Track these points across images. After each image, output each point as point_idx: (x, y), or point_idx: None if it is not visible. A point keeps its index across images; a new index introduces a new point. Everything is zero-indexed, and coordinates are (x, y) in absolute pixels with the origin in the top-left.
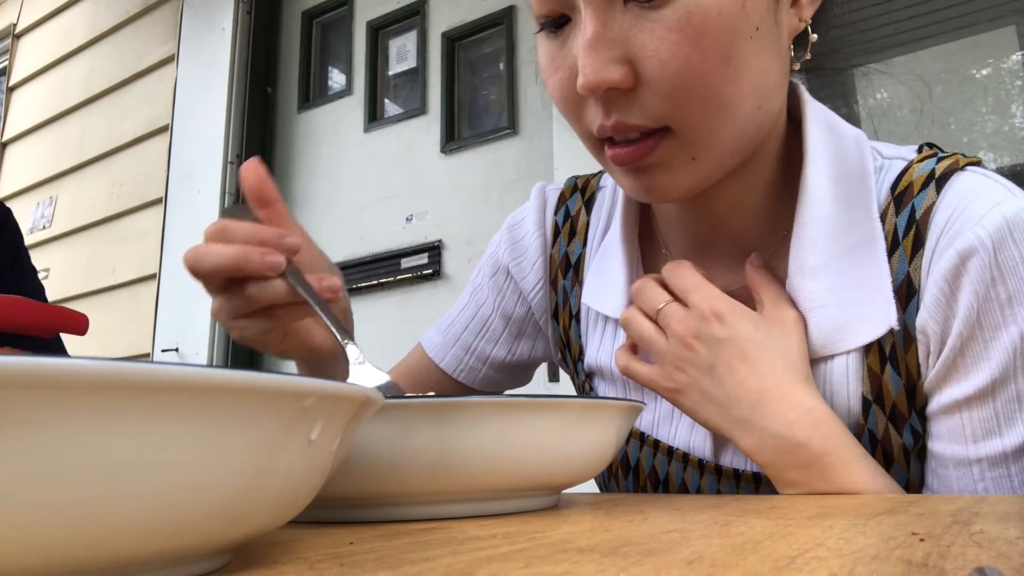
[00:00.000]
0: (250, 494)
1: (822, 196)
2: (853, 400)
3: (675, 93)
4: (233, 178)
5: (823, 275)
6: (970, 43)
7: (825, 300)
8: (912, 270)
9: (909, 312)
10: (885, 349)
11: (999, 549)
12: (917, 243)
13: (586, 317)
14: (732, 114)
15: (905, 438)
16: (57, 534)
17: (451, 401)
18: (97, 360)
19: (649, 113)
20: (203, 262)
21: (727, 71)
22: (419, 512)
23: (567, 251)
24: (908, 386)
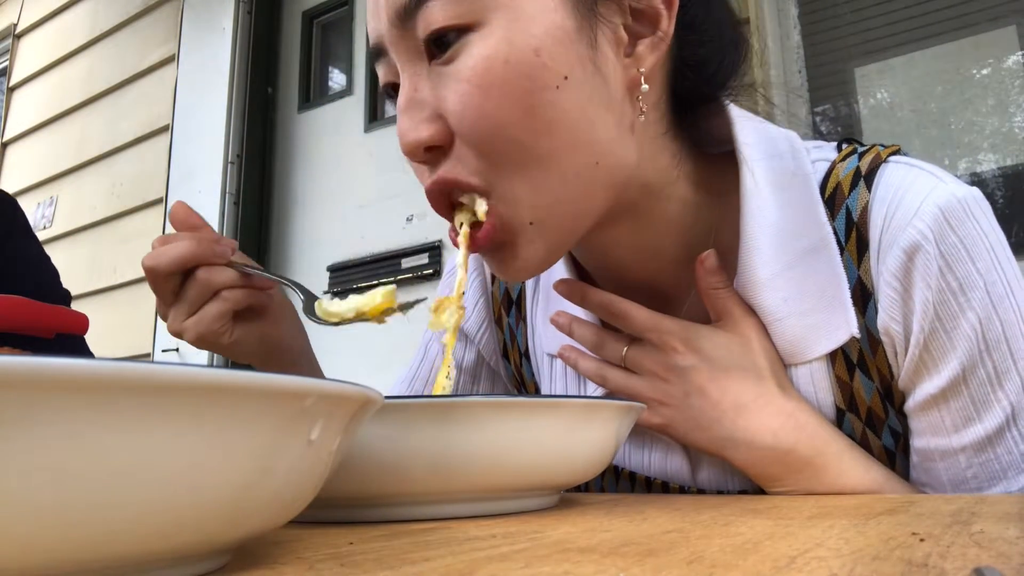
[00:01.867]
0: (250, 494)
1: (764, 204)
2: (825, 410)
3: (484, 147)
4: (233, 178)
5: (777, 285)
6: (970, 43)
7: (781, 312)
8: (862, 273)
9: (869, 315)
10: (852, 357)
11: (999, 549)
12: (861, 245)
13: (536, 354)
14: (554, 171)
15: (885, 440)
16: (57, 534)
17: (451, 401)
18: (97, 360)
19: (469, 168)
20: (163, 257)
21: (533, 123)
22: (419, 512)
23: (507, 288)
24: (884, 387)
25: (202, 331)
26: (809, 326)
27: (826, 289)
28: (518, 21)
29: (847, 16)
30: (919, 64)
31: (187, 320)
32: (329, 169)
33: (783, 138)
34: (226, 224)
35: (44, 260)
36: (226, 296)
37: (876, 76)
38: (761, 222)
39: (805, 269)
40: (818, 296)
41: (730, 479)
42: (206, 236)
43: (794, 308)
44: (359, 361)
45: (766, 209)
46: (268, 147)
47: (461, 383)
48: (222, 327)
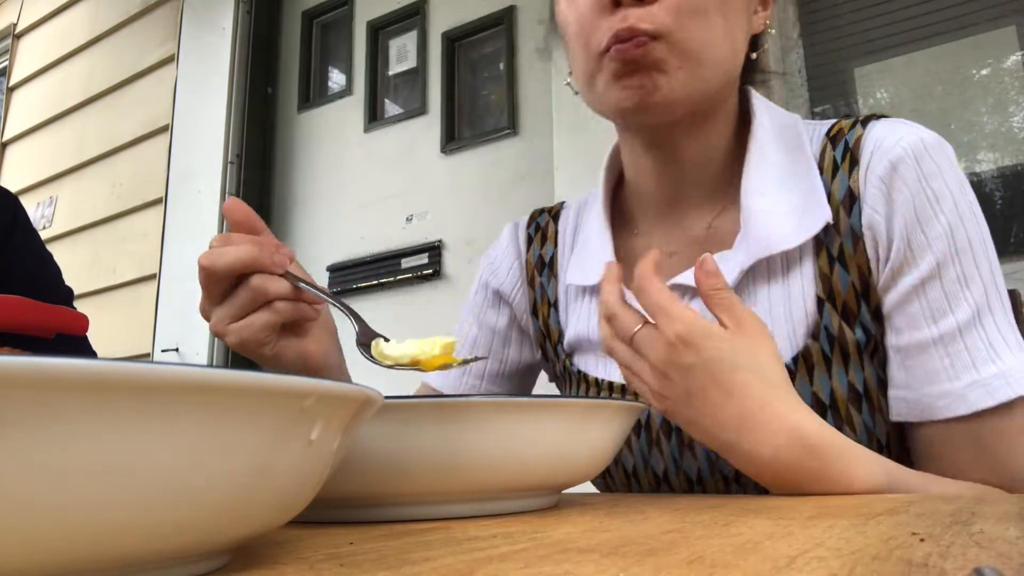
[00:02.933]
0: (250, 494)
1: (766, 143)
2: (808, 301)
3: (681, 8)
4: (233, 178)
5: (767, 197)
6: (970, 43)
7: (770, 210)
8: (851, 183)
9: (853, 217)
10: (832, 251)
11: (999, 549)
12: (852, 163)
13: (565, 300)
14: (715, 42)
15: (858, 334)
16: (57, 534)
17: (451, 401)
18: (97, 360)
19: (656, 21)
20: (222, 258)
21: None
22: (419, 512)
23: (540, 253)
24: (862, 284)
25: (246, 337)
26: (790, 221)
27: (806, 200)
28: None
29: (847, 16)
30: (919, 64)
31: (233, 324)
32: (329, 169)
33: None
34: (226, 224)
35: (46, 257)
36: (277, 307)
37: (876, 76)
38: (760, 154)
39: (792, 188)
40: (800, 204)
41: None
42: (267, 242)
43: (778, 211)
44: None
45: (766, 147)
46: (268, 147)
47: (494, 346)
48: (267, 337)
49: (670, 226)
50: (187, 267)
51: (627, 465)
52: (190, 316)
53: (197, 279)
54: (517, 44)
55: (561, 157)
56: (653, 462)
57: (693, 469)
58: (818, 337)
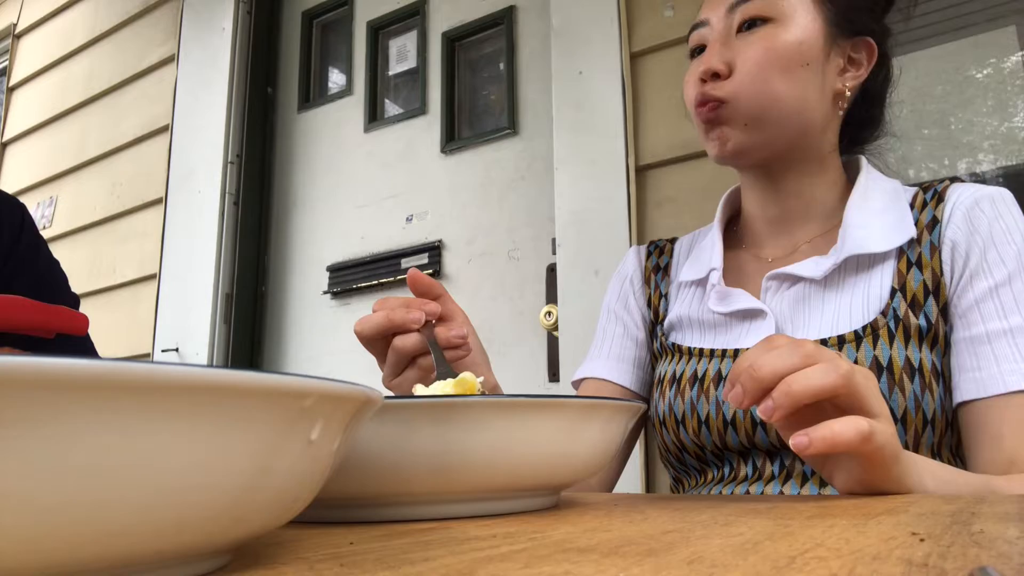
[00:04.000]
0: (250, 494)
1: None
2: (884, 289)
3: (746, 82)
4: (233, 178)
5: (867, 217)
6: (970, 43)
7: (866, 225)
8: (937, 212)
9: (935, 234)
10: (912, 257)
11: (999, 549)
12: (939, 201)
13: (675, 293)
14: (774, 104)
15: (920, 321)
16: (57, 534)
17: (451, 401)
18: (97, 360)
19: (724, 91)
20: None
21: (784, 79)
22: (419, 512)
23: (657, 262)
24: (933, 283)
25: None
26: (881, 236)
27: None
28: (796, 26)
29: None
30: (919, 64)
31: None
32: (329, 169)
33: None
34: (226, 224)
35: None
36: (420, 364)
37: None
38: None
39: (886, 218)
40: (890, 226)
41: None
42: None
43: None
44: (361, 360)
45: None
46: (268, 147)
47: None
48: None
49: (774, 241)
50: (187, 267)
51: (702, 414)
52: (190, 316)
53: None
54: (517, 44)
55: (561, 157)
56: (725, 409)
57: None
58: (887, 315)
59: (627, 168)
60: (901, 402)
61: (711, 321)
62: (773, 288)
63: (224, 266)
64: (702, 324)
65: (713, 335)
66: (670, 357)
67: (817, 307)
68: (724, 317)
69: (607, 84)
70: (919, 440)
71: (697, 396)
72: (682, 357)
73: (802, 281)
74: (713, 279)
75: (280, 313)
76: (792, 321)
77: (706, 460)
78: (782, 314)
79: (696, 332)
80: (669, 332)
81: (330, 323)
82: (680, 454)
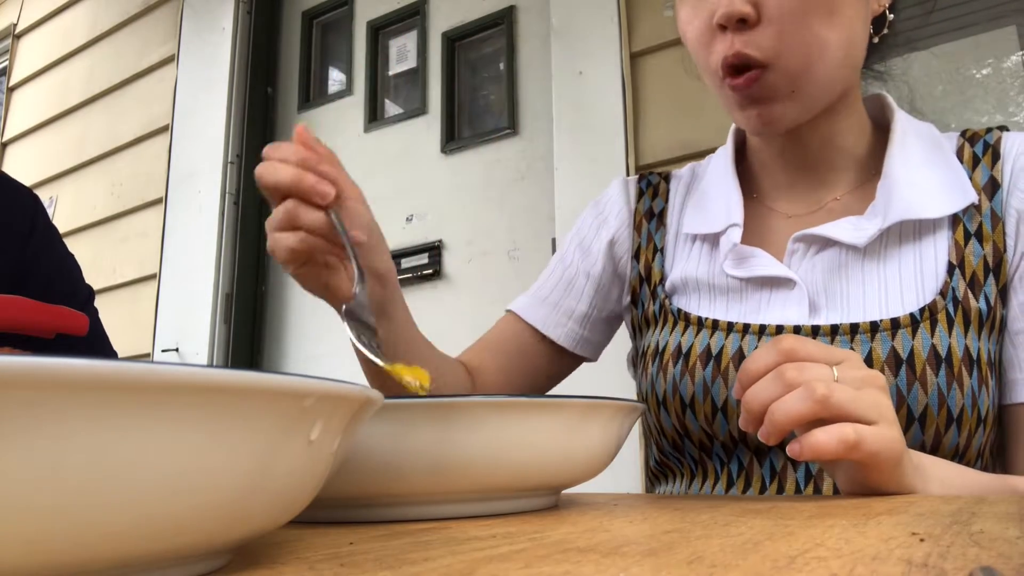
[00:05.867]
0: (250, 494)
1: (908, 134)
2: (940, 265)
3: (786, 30)
4: (233, 178)
5: (912, 172)
6: (970, 43)
7: (914, 183)
8: (994, 172)
9: (995, 201)
10: (971, 228)
11: (999, 549)
12: (995, 157)
13: (673, 246)
14: (825, 56)
15: (981, 303)
16: (57, 534)
17: (451, 401)
18: (97, 360)
19: (762, 46)
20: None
21: (830, 19)
22: (419, 512)
23: (651, 205)
24: (995, 260)
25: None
26: (932, 198)
27: (948, 183)
28: None
29: None
30: (919, 64)
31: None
32: None
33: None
34: (226, 224)
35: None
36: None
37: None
38: (903, 142)
39: (935, 170)
40: (940, 185)
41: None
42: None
43: (921, 186)
44: None
45: (908, 138)
46: None
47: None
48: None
49: (796, 194)
50: (187, 267)
51: (685, 395)
52: (190, 316)
53: (197, 279)
54: (517, 44)
55: (561, 157)
56: (715, 392)
57: None
58: (946, 296)
59: (627, 168)
60: (959, 399)
61: (724, 286)
62: (800, 251)
63: (224, 266)
64: (712, 289)
65: (726, 303)
66: (672, 325)
67: (857, 280)
68: (741, 282)
69: (607, 84)
70: (970, 442)
71: (712, 377)
72: (689, 327)
73: (836, 246)
74: (733, 237)
75: (280, 313)
76: (827, 294)
77: (711, 452)
78: (814, 284)
79: (706, 298)
80: (672, 294)
81: (330, 323)
82: (680, 440)
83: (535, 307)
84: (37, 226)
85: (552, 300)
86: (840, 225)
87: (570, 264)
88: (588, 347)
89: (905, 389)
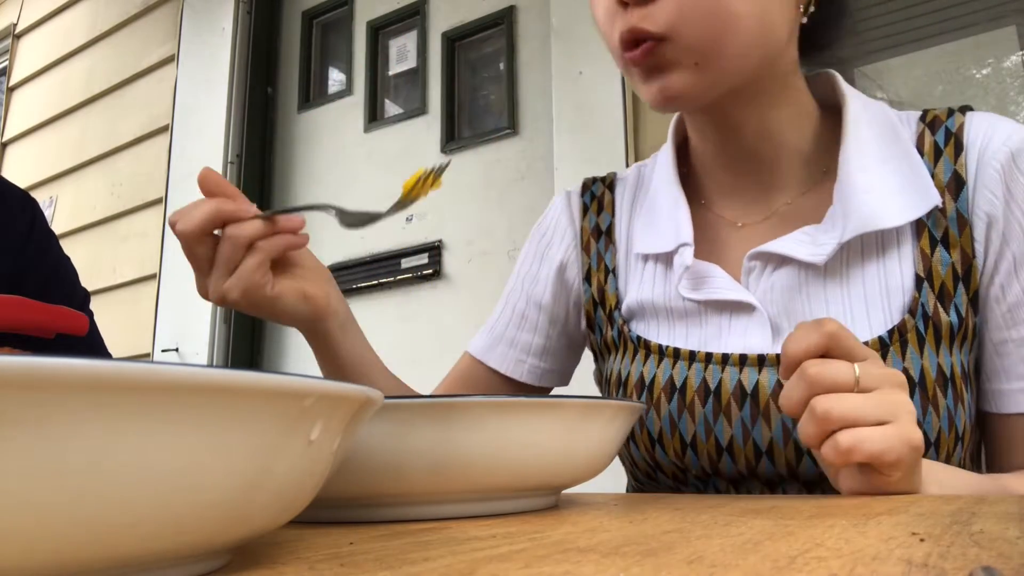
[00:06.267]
0: (250, 494)
1: (861, 124)
2: (907, 278)
3: (684, 2)
4: (233, 178)
5: (868, 173)
6: (970, 43)
7: (869, 188)
8: (958, 167)
9: (960, 201)
10: (936, 233)
11: (999, 549)
12: (958, 148)
13: (625, 266)
14: (732, 28)
15: (952, 316)
16: (57, 534)
17: (451, 401)
18: (97, 360)
19: (658, 20)
20: (190, 219)
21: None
22: (419, 512)
23: (597, 222)
24: (963, 267)
25: (244, 285)
26: (894, 202)
27: (912, 182)
28: None
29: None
30: (919, 64)
31: (228, 281)
32: (329, 169)
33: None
34: None
35: (63, 260)
36: (261, 246)
37: (876, 76)
38: (857, 135)
39: (893, 168)
40: (903, 186)
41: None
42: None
43: (880, 190)
44: None
45: (862, 128)
46: (268, 147)
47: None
48: (263, 277)
49: (743, 200)
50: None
51: (686, 435)
52: (190, 316)
53: None
54: (517, 44)
55: (561, 157)
56: (718, 431)
57: (764, 439)
58: (915, 314)
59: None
60: (935, 423)
61: (682, 309)
62: (758, 270)
63: None
64: (670, 313)
65: (686, 328)
66: (632, 353)
67: (820, 300)
68: (699, 305)
69: (607, 84)
70: (948, 460)
71: (679, 411)
72: (650, 355)
73: (795, 263)
74: (686, 259)
75: None
76: (789, 316)
77: (686, 482)
78: (775, 305)
79: (665, 323)
80: (630, 319)
81: None
82: (653, 473)
83: (492, 347)
84: (34, 230)
85: (508, 337)
86: (797, 239)
87: (519, 297)
88: (553, 377)
89: None
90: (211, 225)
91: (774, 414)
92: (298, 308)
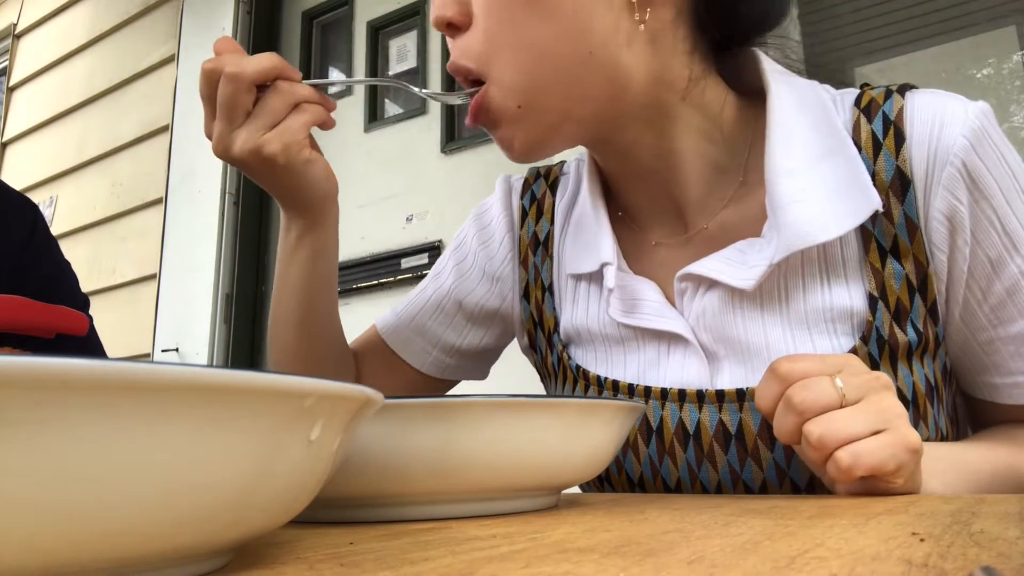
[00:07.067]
0: (250, 494)
1: (788, 116)
2: (857, 299)
3: (490, 30)
4: (233, 178)
5: (798, 177)
6: (970, 43)
7: (799, 197)
8: (900, 163)
9: (907, 204)
10: (884, 243)
11: (999, 549)
12: (899, 139)
13: (559, 287)
14: (546, 57)
15: (909, 334)
16: (57, 534)
17: (451, 401)
18: (97, 360)
19: (473, 54)
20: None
21: (533, 10)
22: (419, 512)
23: (535, 230)
24: (918, 277)
25: (288, 140)
26: (828, 210)
27: (848, 184)
28: None
29: (847, 16)
30: (919, 64)
31: (269, 133)
32: None
33: (805, 81)
34: (226, 224)
35: (64, 266)
36: (307, 108)
37: (876, 76)
38: (783, 130)
39: (826, 168)
40: (838, 188)
41: (751, 376)
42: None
43: (813, 196)
44: None
45: (788, 121)
46: None
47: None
48: (305, 139)
49: (662, 219)
50: (187, 267)
51: (633, 475)
52: (190, 316)
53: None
54: None
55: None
56: (664, 473)
57: (712, 481)
58: (868, 339)
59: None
60: None
61: (617, 336)
62: (690, 291)
63: (224, 266)
64: (607, 340)
65: (623, 356)
66: (572, 384)
67: (757, 326)
68: (634, 330)
69: None
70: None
71: (623, 452)
72: (589, 387)
73: (724, 286)
74: (608, 281)
75: None
76: (725, 345)
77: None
78: (709, 333)
79: (602, 350)
80: (568, 345)
81: None
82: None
83: (399, 329)
84: (36, 234)
85: (417, 324)
86: (727, 258)
87: (442, 284)
88: (459, 373)
89: None
90: (270, 75)
91: (719, 456)
92: (322, 183)
